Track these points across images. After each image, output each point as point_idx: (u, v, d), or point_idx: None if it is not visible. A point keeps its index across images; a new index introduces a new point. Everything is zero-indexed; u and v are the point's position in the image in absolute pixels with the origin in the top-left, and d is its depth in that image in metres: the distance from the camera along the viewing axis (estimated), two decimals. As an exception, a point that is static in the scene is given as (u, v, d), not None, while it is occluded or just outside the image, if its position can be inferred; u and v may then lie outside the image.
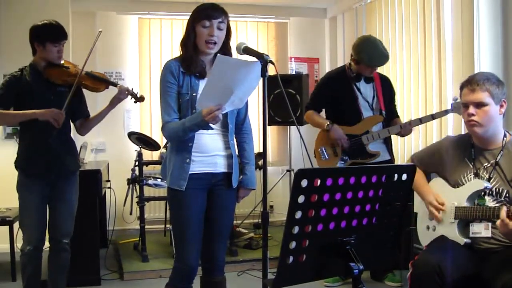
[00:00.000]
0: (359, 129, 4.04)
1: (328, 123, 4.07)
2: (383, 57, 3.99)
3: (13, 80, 3.25)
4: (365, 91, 4.10)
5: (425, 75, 4.76)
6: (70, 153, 3.42)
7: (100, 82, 3.48)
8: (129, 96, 3.46)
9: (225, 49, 2.75)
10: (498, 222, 2.37)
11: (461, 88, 2.66)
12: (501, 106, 2.60)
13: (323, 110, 4.31)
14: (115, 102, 3.43)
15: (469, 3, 4.05)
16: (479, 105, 2.57)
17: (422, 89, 4.80)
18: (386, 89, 4.17)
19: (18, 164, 3.33)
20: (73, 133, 3.53)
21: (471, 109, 2.58)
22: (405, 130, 3.97)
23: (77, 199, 3.45)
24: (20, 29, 3.27)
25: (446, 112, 3.81)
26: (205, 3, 2.72)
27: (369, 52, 3.97)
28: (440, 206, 2.68)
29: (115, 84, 3.49)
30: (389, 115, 4.15)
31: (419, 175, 2.85)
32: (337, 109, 4.14)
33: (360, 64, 4.03)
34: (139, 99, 3.51)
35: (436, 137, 4.58)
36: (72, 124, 3.49)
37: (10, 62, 4.55)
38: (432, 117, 3.89)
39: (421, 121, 3.94)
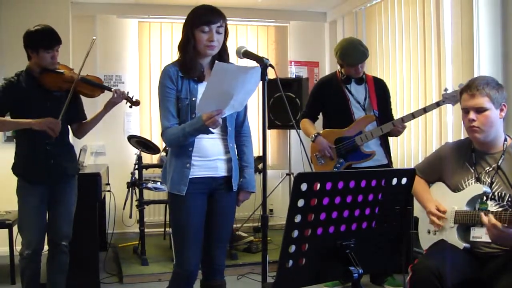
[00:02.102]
0: (352, 131, 4.04)
1: (314, 134, 4.10)
2: (358, 53, 4.00)
3: (10, 85, 3.24)
4: (357, 92, 4.11)
5: (424, 79, 4.76)
6: (68, 158, 3.41)
7: (95, 88, 3.45)
8: (124, 101, 3.44)
9: (222, 50, 2.75)
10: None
11: (461, 93, 2.65)
12: (501, 110, 2.60)
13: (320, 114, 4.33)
14: (109, 106, 3.41)
15: (468, 7, 4.06)
16: (480, 110, 2.56)
17: (422, 93, 4.80)
18: (380, 91, 4.16)
19: (16, 170, 3.33)
20: (72, 136, 3.53)
21: (472, 115, 2.57)
22: (398, 127, 3.91)
23: (75, 201, 3.45)
24: (20, 33, 3.26)
25: (438, 104, 3.77)
26: (202, 5, 2.69)
27: (344, 51, 4.01)
28: (441, 215, 2.67)
29: (110, 89, 3.46)
30: (385, 118, 4.14)
31: (420, 183, 2.84)
32: (330, 113, 4.17)
33: (343, 65, 4.08)
34: (134, 103, 3.49)
35: (436, 142, 4.58)
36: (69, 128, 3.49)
37: (10, 66, 4.55)
38: (424, 110, 3.84)
39: (413, 115, 3.88)
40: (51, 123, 3.14)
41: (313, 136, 4.11)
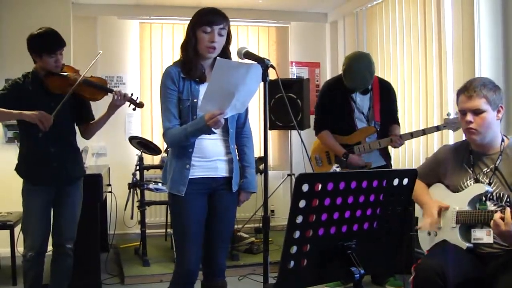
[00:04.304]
0: (352, 140, 4.08)
1: (344, 155, 4.04)
2: (359, 82, 3.99)
3: (16, 86, 3.24)
4: (361, 102, 4.11)
5: (425, 80, 4.76)
6: (72, 160, 3.40)
7: (98, 91, 3.40)
8: (128, 103, 3.39)
9: (225, 54, 2.75)
10: (491, 223, 2.37)
11: (458, 95, 2.66)
12: (498, 111, 2.60)
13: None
14: (111, 109, 3.37)
15: (469, 7, 4.06)
16: (477, 112, 2.56)
17: (423, 94, 4.80)
18: (384, 97, 4.16)
19: (20, 171, 3.32)
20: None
21: (469, 116, 2.57)
22: (395, 143, 3.98)
23: (80, 203, 3.45)
24: (22, 34, 3.26)
25: (437, 128, 3.82)
26: (207, 7, 2.72)
27: (347, 72, 3.99)
28: (438, 219, 2.67)
29: (112, 91, 3.40)
30: (388, 122, 4.14)
31: (419, 185, 2.83)
32: (333, 118, 4.15)
33: None
34: (138, 105, 3.42)
35: (437, 143, 4.57)
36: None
37: (12, 67, 4.56)
38: (423, 132, 3.91)
39: (412, 135, 3.97)
40: (43, 117, 3.11)
41: (343, 158, 4.03)
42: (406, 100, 5.07)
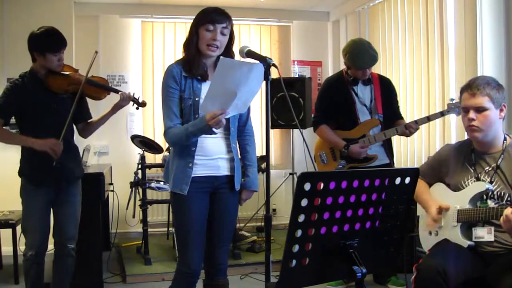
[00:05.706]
0: (356, 133, 4.04)
1: (345, 147, 4.00)
2: (368, 59, 3.97)
3: (15, 88, 3.22)
4: (363, 94, 4.09)
5: (428, 78, 4.76)
6: (73, 160, 3.40)
7: (101, 90, 3.43)
8: (131, 102, 3.43)
9: (228, 54, 2.75)
10: (501, 219, 2.36)
11: (461, 92, 2.66)
12: (501, 110, 2.61)
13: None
14: (116, 108, 3.40)
15: (472, 5, 4.05)
16: (480, 109, 2.57)
17: (425, 92, 4.79)
18: (385, 91, 4.15)
19: (23, 174, 3.31)
20: (76, 136, 3.52)
21: (472, 114, 2.58)
22: (406, 131, 3.94)
23: (80, 202, 3.45)
24: (24, 33, 3.25)
25: (442, 113, 3.79)
26: (210, 6, 2.72)
27: (354, 54, 3.97)
28: (437, 217, 2.67)
29: (116, 91, 3.43)
30: (391, 117, 4.14)
31: (421, 185, 2.83)
32: (335, 114, 4.14)
33: (351, 67, 4.04)
34: (141, 104, 3.47)
35: (440, 142, 4.57)
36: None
37: (14, 66, 4.56)
38: (428, 119, 3.87)
39: (416, 122, 3.92)
40: (53, 145, 3.14)
41: (345, 149, 4.00)
42: (408, 99, 5.06)
